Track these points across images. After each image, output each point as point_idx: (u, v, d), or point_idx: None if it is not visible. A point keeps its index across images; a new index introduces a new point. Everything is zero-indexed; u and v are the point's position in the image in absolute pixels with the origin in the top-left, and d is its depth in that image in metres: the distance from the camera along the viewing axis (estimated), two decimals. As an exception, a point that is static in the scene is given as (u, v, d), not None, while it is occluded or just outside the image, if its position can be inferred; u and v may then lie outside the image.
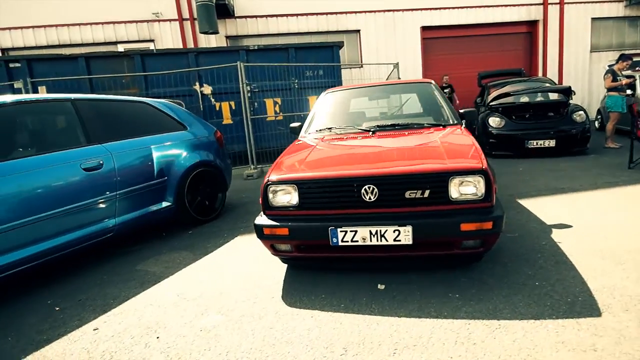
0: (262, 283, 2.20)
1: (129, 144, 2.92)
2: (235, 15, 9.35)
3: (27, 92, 5.73)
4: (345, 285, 2.09)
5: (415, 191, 1.94)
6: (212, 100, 6.72)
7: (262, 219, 2.13)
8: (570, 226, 2.72)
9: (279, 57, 6.73)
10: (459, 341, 1.53)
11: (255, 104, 6.68)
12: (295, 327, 1.73)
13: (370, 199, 1.96)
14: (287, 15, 9.44)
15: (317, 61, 6.80)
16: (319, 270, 2.31)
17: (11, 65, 6.24)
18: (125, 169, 2.82)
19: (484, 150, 2.58)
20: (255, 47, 6.73)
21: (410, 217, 1.93)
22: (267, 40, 9.22)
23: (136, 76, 6.48)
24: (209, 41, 9.26)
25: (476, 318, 1.68)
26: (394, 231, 1.88)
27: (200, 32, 8.24)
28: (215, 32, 8.05)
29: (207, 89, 6.67)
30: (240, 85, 5.85)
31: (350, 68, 9.55)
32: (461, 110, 3.04)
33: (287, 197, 2.10)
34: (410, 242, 1.89)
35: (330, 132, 2.92)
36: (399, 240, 1.90)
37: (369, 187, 1.95)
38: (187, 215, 3.32)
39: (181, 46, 9.19)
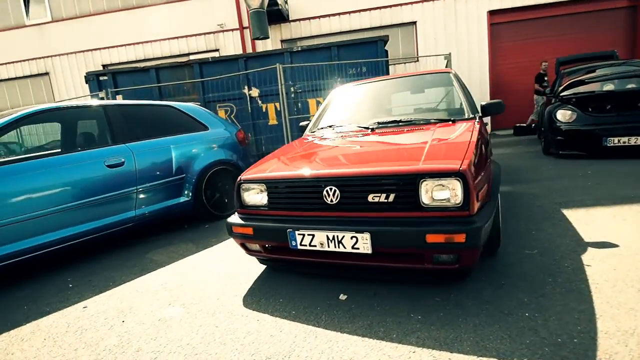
0: (236, 281, 2.26)
1: (150, 144, 3.25)
2: (290, 19, 9.66)
3: (113, 98, 6.73)
4: (308, 292, 2.02)
5: (379, 195, 1.76)
6: (259, 102, 7.05)
7: (233, 217, 2.18)
8: (615, 246, 2.18)
9: (322, 57, 6.78)
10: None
11: (299, 104, 6.83)
12: (236, 329, 1.73)
13: (331, 201, 1.85)
14: (339, 14, 9.44)
15: (361, 58, 6.67)
16: (291, 274, 2.27)
17: (101, 78, 7.38)
18: (145, 166, 3.15)
19: (549, 150, 2.26)
20: (299, 49, 6.87)
21: (370, 223, 1.75)
22: (321, 41, 9.34)
23: (195, 83, 7.12)
24: (265, 46, 9.72)
25: (426, 347, 1.46)
26: (352, 238, 1.74)
27: (253, 39, 8.70)
28: (266, 38, 8.41)
29: (255, 92, 7.02)
30: (279, 87, 6.04)
31: (405, 63, 9.17)
32: (482, 103, 2.73)
33: (258, 196, 2.10)
34: (370, 251, 1.72)
35: (332, 130, 2.86)
36: (357, 249, 1.75)
37: (330, 189, 1.84)
38: (205, 210, 3.56)
39: (241, 53, 9.80)
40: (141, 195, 3.12)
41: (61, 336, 1.83)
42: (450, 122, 2.47)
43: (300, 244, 1.87)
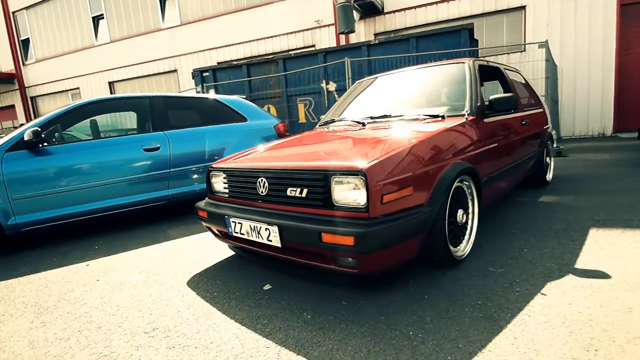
0: (204, 261, 2.38)
1: (185, 132, 3.61)
2: (384, 11, 9.32)
3: (207, 91, 7.70)
4: (245, 278, 2.05)
5: (295, 189, 1.74)
6: (336, 96, 7.06)
7: (202, 202, 2.31)
8: (605, 277, 1.72)
9: (401, 49, 6.37)
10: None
11: (371, 99, 6.60)
12: (160, 300, 1.88)
13: (262, 192, 1.89)
14: (436, 2, 8.67)
15: (443, 48, 6.04)
16: (253, 263, 2.29)
17: (204, 74, 8.48)
18: (179, 152, 3.52)
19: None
20: (376, 42, 6.60)
21: (282, 217, 1.74)
22: (416, 32, 8.78)
23: (278, 77, 7.55)
24: (359, 40, 9.62)
25: (283, 345, 1.40)
26: (265, 229, 1.76)
27: (339, 33, 8.69)
28: (352, 31, 8.31)
29: (332, 86, 7.06)
30: (346, 82, 5.93)
31: (509, 53, 7.92)
32: (491, 97, 2.29)
33: (221, 184, 2.21)
34: (279, 245, 1.72)
35: (333, 124, 2.81)
36: (270, 241, 1.75)
37: (261, 181, 1.89)
38: (232, 196, 3.80)
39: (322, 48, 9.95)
40: (174, 177, 3.51)
41: (52, 284, 2.23)
42: (440, 119, 2.19)
43: (234, 231, 1.96)
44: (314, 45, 10.60)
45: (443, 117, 2.25)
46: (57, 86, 14.68)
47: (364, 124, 2.50)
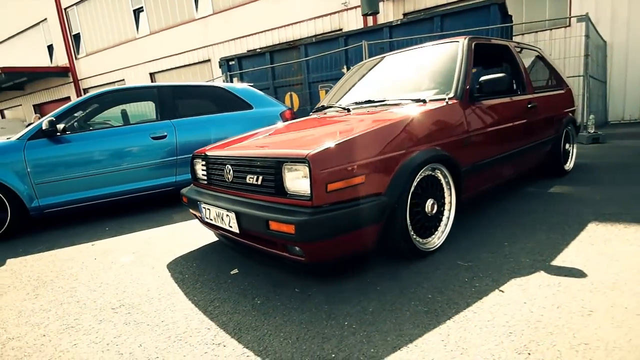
0: (191, 244, 2.51)
1: (191, 120, 3.75)
2: (414, -11, 8.88)
3: (230, 81, 7.88)
4: (218, 263, 2.13)
5: (253, 177, 1.78)
6: (357, 81, 6.93)
7: (186, 188, 2.41)
8: (580, 276, 1.58)
9: (425, 29, 6.07)
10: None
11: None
12: (137, 278, 2.03)
13: (228, 179, 1.95)
14: (470, -24, 8.09)
15: (472, 26, 5.66)
16: (231, 249, 2.37)
17: (230, 63, 8.67)
18: (185, 139, 3.67)
19: None
20: (398, 22, 6.34)
21: (240, 203, 1.78)
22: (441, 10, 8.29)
23: (300, 64, 7.53)
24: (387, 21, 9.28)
25: (222, 327, 1.43)
26: (226, 215, 1.81)
27: (363, 14, 8.42)
28: (376, 13, 8.02)
29: (353, 71, 6.93)
30: (363, 65, 5.78)
31: (551, 29, 7.25)
32: (481, 79, 2.16)
33: (201, 171, 2.29)
34: (238, 231, 1.77)
35: (325, 110, 2.79)
36: (231, 227, 1.81)
37: (227, 168, 1.94)
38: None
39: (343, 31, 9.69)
40: (181, 165, 3.67)
41: (58, 261, 2.46)
42: (421, 103, 2.08)
43: (205, 217, 2.04)
44: (341, 29, 10.39)
45: (424, 101, 2.15)
46: (106, 78, 15.71)
47: (349, 110, 2.47)
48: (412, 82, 2.55)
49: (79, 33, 16.17)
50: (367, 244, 1.69)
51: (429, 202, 1.91)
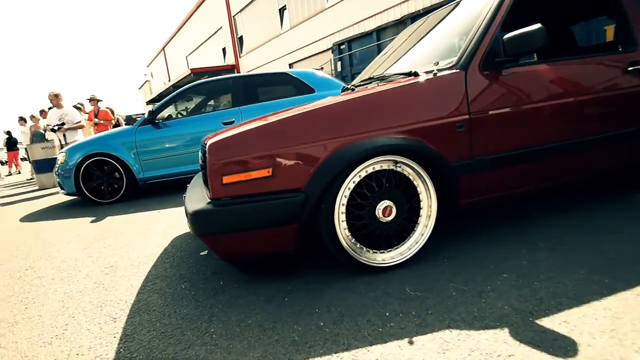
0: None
1: (256, 107, 3.95)
2: None
3: (335, 65, 7.94)
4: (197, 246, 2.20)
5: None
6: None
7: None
8: (566, 346, 0.90)
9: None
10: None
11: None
12: (142, 245, 2.27)
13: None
14: None
15: None
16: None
17: (341, 46, 8.68)
18: (249, 125, 3.91)
19: None
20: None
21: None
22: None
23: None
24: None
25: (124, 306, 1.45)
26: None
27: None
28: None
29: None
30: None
31: None
32: (506, 36, 1.55)
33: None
34: None
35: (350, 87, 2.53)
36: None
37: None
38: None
39: None
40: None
41: (120, 223, 3.02)
42: (412, 76, 1.65)
43: None
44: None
45: (416, 74, 1.66)
46: (260, 71, 18.10)
47: (353, 89, 2.16)
48: (430, 49, 2.00)
49: (242, 35, 19.03)
50: (284, 245, 1.45)
51: (382, 205, 1.49)
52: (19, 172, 12.46)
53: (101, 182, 3.90)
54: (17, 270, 2.11)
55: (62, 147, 5.26)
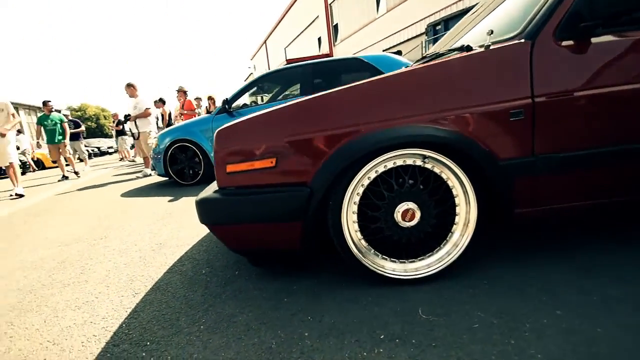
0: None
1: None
2: None
3: (426, 46, 7.34)
4: None
5: None
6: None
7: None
8: None
9: None
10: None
11: None
12: (190, 226, 2.42)
13: None
14: None
15: None
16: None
17: (437, 27, 8.00)
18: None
19: None
20: None
21: None
22: None
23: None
24: None
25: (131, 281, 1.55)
26: None
27: None
28: None
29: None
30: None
31: None
32: None
33: None
34: None
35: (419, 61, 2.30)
36: None
37: None
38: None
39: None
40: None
41: (178, 201, 3.30)
42: (464, 52, 1.38)
43: None
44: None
45: (469, 48, 1.37)
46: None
47: (424, 60, 1.90)
48: (501, 18, 1.62)
49: (337, 23, 19.08)
50: (287, 243, 1.35)
51: (403, 207, 1.26)
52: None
53: (184, 165, 4.31)
54: (94, 238, 2.45)
55: (133, 135, 5.75)
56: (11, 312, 1.47)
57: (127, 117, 5.72)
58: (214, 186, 1.54)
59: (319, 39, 21.30)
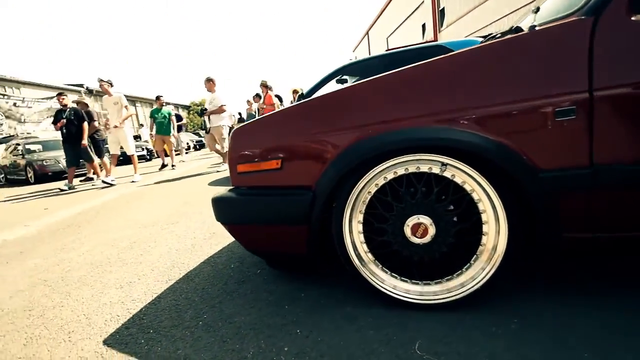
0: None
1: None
2: None
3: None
4: None
5: None
6: None
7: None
8: None
9: None
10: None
11: None
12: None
13: None
14: None
15: None
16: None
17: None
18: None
19: None
20: None
21: None
22: None
23: None
24: None
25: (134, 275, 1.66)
26: None
27: None
28: None
29: None
30: None
31: None
32: None
33: None
34: None
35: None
36: None
37: None
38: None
39: None
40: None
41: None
42: (516, 32, 1.14)
43: None
44: None
45: (518, 29, 1.10)
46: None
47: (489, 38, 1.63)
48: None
49: (444, 7, 17.73)
50: (293, 248, 1.28)
51: (413, 220, 1.06)
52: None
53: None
54: (167, 223, 2.76)
55: (206, 129, 5.90)
56: (75, 283, 1.74)
57: (204, 110, 5.89)
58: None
59: (423, 26, 20.14)
